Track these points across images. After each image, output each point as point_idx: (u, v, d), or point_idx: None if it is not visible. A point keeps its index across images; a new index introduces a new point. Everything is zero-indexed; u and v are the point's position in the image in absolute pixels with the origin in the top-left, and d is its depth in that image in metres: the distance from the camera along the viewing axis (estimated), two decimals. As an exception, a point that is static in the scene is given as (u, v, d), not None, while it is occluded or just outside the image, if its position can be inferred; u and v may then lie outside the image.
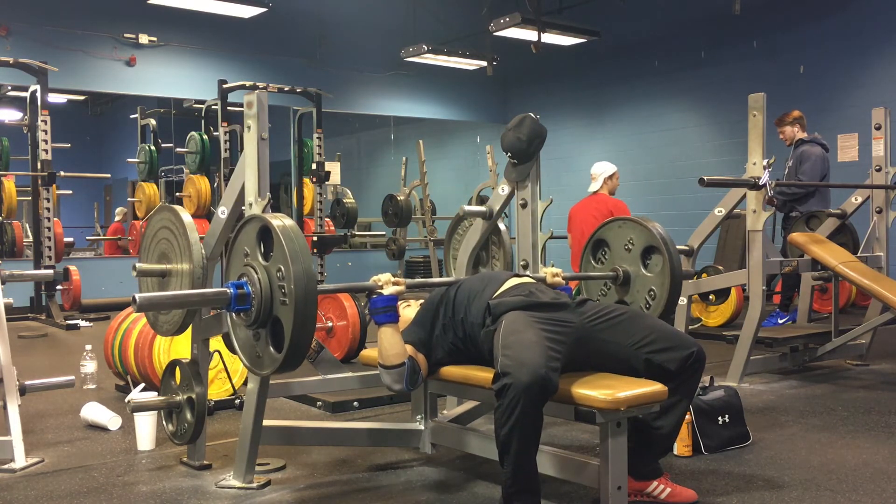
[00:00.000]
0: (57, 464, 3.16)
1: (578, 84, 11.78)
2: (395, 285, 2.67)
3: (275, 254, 2.41)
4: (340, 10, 11.07)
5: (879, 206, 5.19)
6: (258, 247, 2.48)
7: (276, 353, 2.42)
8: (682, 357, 2.52)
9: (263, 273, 2.42)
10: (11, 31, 9.03)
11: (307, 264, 2.33)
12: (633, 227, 3.30)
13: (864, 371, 4.91)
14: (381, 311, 2.64)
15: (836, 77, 8.91)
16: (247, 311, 2.46)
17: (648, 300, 3.20)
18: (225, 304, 2.47)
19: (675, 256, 3.16)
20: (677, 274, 3.14)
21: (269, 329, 2.44)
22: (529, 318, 2.51)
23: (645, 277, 3.23)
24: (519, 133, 3.31)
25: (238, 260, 2.55)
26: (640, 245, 3.25)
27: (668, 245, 3.16)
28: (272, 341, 2.44)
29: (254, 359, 2.53)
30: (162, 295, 2.66)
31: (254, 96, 2.80)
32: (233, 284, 2.45)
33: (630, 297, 3.27)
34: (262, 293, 2.40)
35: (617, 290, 3.32)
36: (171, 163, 11.72)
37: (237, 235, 2.58)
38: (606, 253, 3.40)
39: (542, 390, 2.25)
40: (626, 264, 3.29)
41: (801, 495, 2.71)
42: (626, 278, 3.27)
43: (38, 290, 8.23)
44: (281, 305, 2.37)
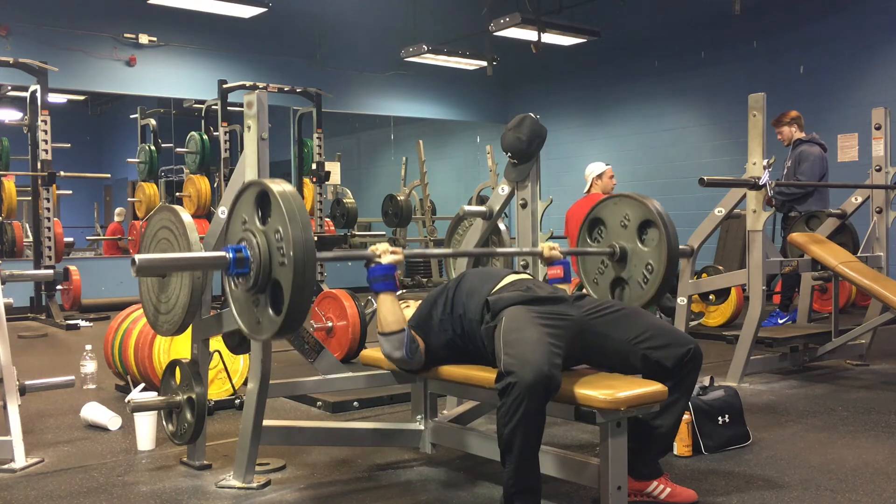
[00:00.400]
0: (57, 464, 3.16)
1: (578, 84, 11.78)
2: (392, 254, 2.68)
3: (273, 217, 2.40)
4: (340, 10, 11.08)
5: (879, 206, 5.19)
6: (256, 213, 2.48)
7: (276, 316, 2.40)
8: (679, 354, 2.52)
9: (262, 237, 2.42)
10: (11, 31, 9.03)
11: (305, 225, 2.32)
12: (628, 202, 3.26)
13: (864, 371, 4.91)
14: (379, 279, 2.65)
15: (836, 77, 8.91)
16: (245, 275, 2.46)
17: (646, 274, 3.17)
18: (224, 268, 2.46)
19: (672, 230, 3.12)
20: (674, 247, 3.11)
21: (269, 293, 2.43)
22: (529, 314, 2.51)
23: (642, 252, 3.20)
24: (519, 133, 3.31)
25: (237, 227, 2.55)
26: (636, 220, 3.22)
27: (664, 219, 3.13)
28: (271, 304, 2.43)
29: (253, 325, 2.52)
30: (162, 257, 2.66)
31: (254, 96, 2.80)
32: (231, 248, 2.45)
33: (627, 273, 3.24)
34: (260, 256, 2.40)
35: (614, 266, 3.29)
36: (171, 163, 11.72)
37: (235, 203, 2.58)
38: (603, 231, 3.36)
39: (546, 388, 2.25)
40: (622, 240, 3.26)
41: (801, 495, 2.71)
42: (623, 254, 3.24)
43: (38, 290, 8.23)
44: (280, 267, 2.36)
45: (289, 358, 4.63)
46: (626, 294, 3.25)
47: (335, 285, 7.34)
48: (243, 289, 2.49)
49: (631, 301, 3.22)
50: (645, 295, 3.17)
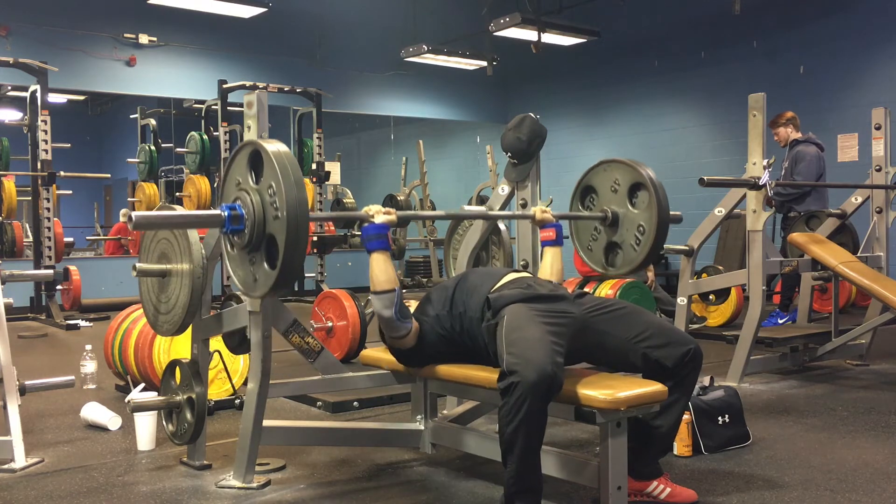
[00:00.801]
0: (57, 464, 3.16)
1: (578, 84, 11.78)
2: (386, 215, 2.72)
3: (266, 174, 2.46)
4: (340, 10, 11.07)
5: (879, 206, 5.19)
6: (250, 174, 2.54)
7: (271, 270, 2.46)
8: (679, 354, 2.53)
9: (256, 195, 2.48)
10: (11, 31, 9.03)
11: (298, 181, 2.39)
12: (617, 167, 3.27)
13: (864, 371, 4.91)
14: (372, 238, 2.68)
15: (836, 77, 8.91)
16: (240, 233, 2.51)
17: (638, 236, 3.19)
18: (219, 225, 2.52)
19: (662, 191, 3.14)
20: (664, 208, 3.13)
21: (264, 249, 2.49)
22: (530, 312, 2.51)
23: (633, 215, 3.21)
24: (519, 133, 3.31)
25: (231, 188, 2.61)
26: (625, 184, 3.23)
27: (653, 180, 3.14)
28: (266, 260, 2.49)
29: (249, 283, 2.57)
30: (158, 214, 2.69)
31: (254, 96, 2.80)
32: (227, 206, 2.51)
33: (619, 237, 3.26)
34: (254, 213, 2.46)
35: (607, 231, 3.30)
36: (171, 163, 11.72)
37: (230, 166, 2.63)
38: (594, 199, 3.37)
39: (549, 387, 2.25)
40: (613, 205, 3.28)
41: (801, 495, 2.71)
42: (615, 219, 3.26)
43: (38, 290, 8.23)
44: (273, 221, 2.42)
45: (289, 358, 4.62)
46: (620, 258, 3.29)
47: (335, 285, 7.35)
48: (239, 247, 2.55)
49: (625, 264, 3.27)
50: (638, 257, 3.21)
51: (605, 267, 3.34)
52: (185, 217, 2.71)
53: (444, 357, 2.80)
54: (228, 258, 2.65)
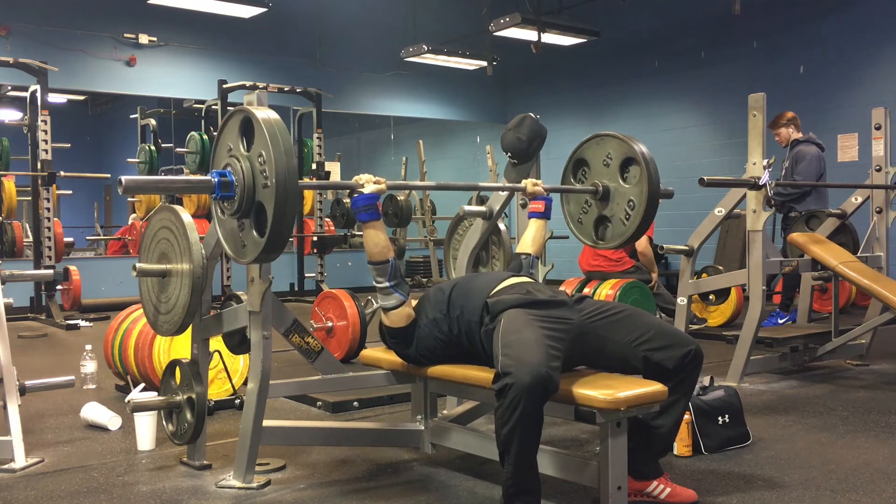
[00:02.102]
0: (57, 464, 3.16)
1: (578, 84, 11.78)
2: (376, 184, 2.74)
3: (256, 142, 2.48)
4: (340, 10, 11.07)
5: (879, 206, 5.19)
6: (241, 140, 2.55)
7: (259, 238, 2.48)
8: (680, 355, 2.52)
9: (246, 162, 2.50)
10: (11, 31, 9.03)
11: (288, 149, 2.40)
12: (610, 141, 3.27)
13: (864, 371, 4.91)
14: (363, 209, 2.71)
15: (836, 77, 8.91)
16: (230, 199, 2.54)
17: (628, 211, 3.19)
18: (209, 191, 2.54)
19: (653, 166, 3.15)
20: (655, 183, 3.13)
21: (253, 216, 2.51)
22: (528, 316, 2.51)
23: (624, 190, 3.21)
24: (519, 133, 3.31)
25: (222, 154, 2.63)
26: (617, 158, 3.23)
27: (644, 155, 3.15)
28: (255, 227, 2.51)
29: (238, 248, 2.60)
30: (147, 179, 2.72)
31: (254, 96, 2.80)
32: (216, 173, 2.53)
33: (610, 211, 3.27)
34: (244, 180, 2.48)
35: (597, 204, 3.31)
36: (171, 163, 11.71)
37: (221, 132, 2.65)
38: (587, 172, 3.37)
39: (544, 390, 2.25)
40: (605, 179, 3.28)
41: (801, 495, 2.71)
42: (606, 192, 3.26)
43: (38, 290, 8.23)
44: (263, 189, 2.44)
45: (289, 358, 4.63)
46: (609, 231, 3.30)
47: (335, 285, 7.35)
48: (229, 213, 2.58)
49: (614, 237, 3.28)
50: (627, 231, 3.22)
51: (594, 240, 3.36)
52: (174, 182, 2.75)
53: (443, 359, 2.80)
54: (218, 223, 2.68)
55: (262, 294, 2.76)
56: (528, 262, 3.11)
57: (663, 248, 4.92)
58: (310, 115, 9.50)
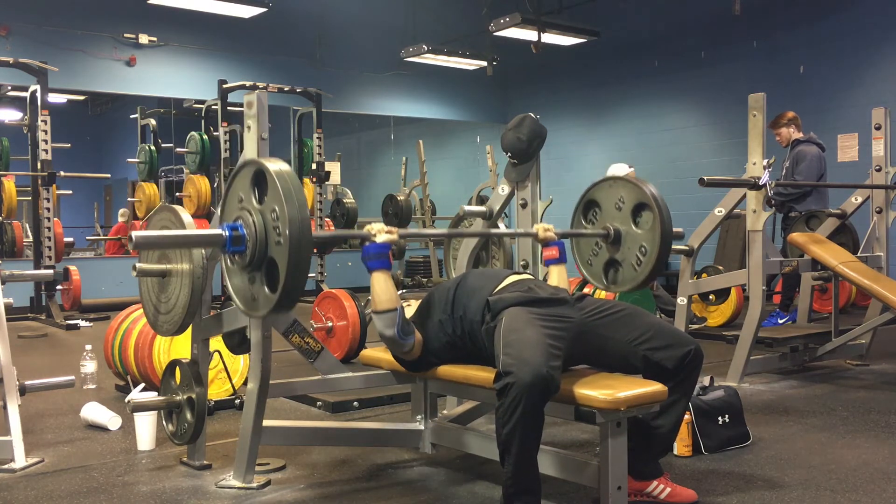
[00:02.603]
0: (57, 464, 3.16)
1: (578, 84, 11.78)
2: (387, 234, 2.69)
3: (269, 196, 2.41)
4: (340, 10, 11.07)
5: (879, 206, 5.19)
6: (252, 192, 2.49)
7: (271, 294, 2.42)
8: (680, 355, 2.52)
9: (258, 216, 2.44)
10: (11, 31, 9.03)
11: (301, 205, 2.34)
12: (623, 185, 3.27)
13: (864, 371, 4.91)
14: (373, 257, 2.66)
15: (836, 77, 8.91)
16: (241, 253, 2.48)
17: (640, 256, 3.18)
18: (220, 246, 2.48)
19: (666, 212, 3.13)
20: (668, 230, 3.12)
21: (264, 271, 2.45)
22: (529, 315, 2.51)
23: (636, 234, 3.20)
24: (519, 133, 3.31)
25: (233, 205, 2.57)
26: (630, 203, 3.22)
27: (658, 201, 3.14)
28: (267, 282, 2.45)
29: (249, 301, 2.53)
30: (159, 234, 2.67)
31: (254, 96, 2.80)
32: (228, 226, 2.47)
33: (621, 255, 3.25)
34: (256, 235, 2.42)
35: (608, 248, 3.29)
36: (171, 163, 11.72)
37: (232, 182, 2.59)
38: (597, 213, 3.36)
39: (545, 389, 2.25)
40: (617, 222, 3.27)
41: (801, 495, 2.71)
42: (618, 236, 3.25)
43: (38, 290, 8.23)
44: (275, 246, 2.38)
45: (289, 358, 4.63)
46: (620, 275, 3.28)
47: (335, 285, 7.34)
48: (239, 266, 2.52)
49: (624, 282, 3.25)
50: (638, 277, 3.20)
51: (605, 283, 3.34)
52: (185, 237, 2.67)
53: (451, 361, 2.80)
54: (228, 272, 2.61)
55: (262, 294, 2.75)
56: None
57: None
58: (310, 115, 9.50)
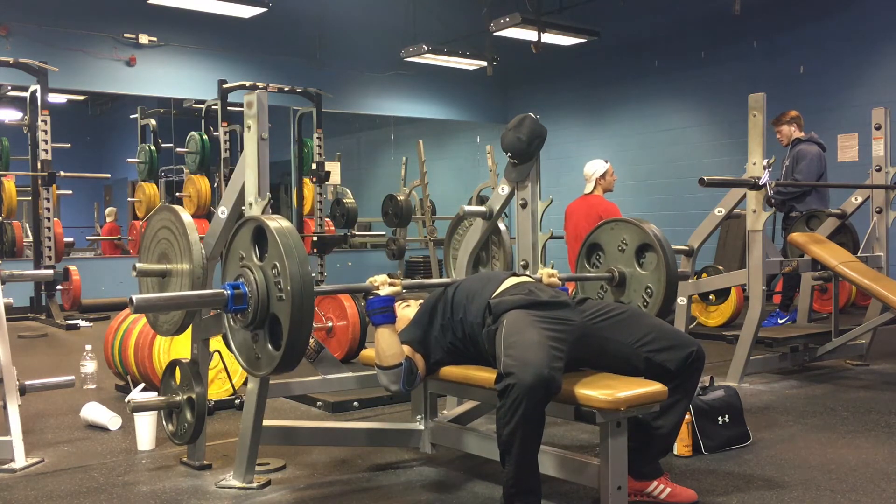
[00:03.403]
0: (57, 464, 3.16)
1: (578, 84, 11.78)
2: (391, 286, 2.67)
3: (270, 252, 2.42)
4: (340, 10, 11.07)
5: (879, 206, 5.19)
6: (253, 249, 2.50)
7: (275, 352, 2.42)
8: (682, 356, 2.52)
9: (259, 273, 2.44)
10: (11, 31, 9.03)
11: (303, 260, 2.34)
12: (625, 227, 3.30)
13: (864, 371, 4.91)
14: (377, 311, 2.63)
15: (836, 77, 8.91)
16: (244, 312, 2.47)
17: (646, 298, 3.20)
18: (222, 305, 2.48)
19: (669, 252, 3.16)
20: (672, 269, 3.14)
21: (267, 328, 2.45)
22: (531, 317, 2.51)
23: (641, 276, 3.23)
24: (519, 133, 3.31)
25: (234, 263, 2.57)
26: (633, 244, 3.25)
27: (661, 241, 3.16)
28: (270, 340, 2.45)
29: (252, 360, 2.54)
30: (159, 296, 2.68)
31: (254, 96, 2.80)
32: (229, 285, 2.47)
33: (627, 297, 3.27)
34: (258, 292, 2.42)
35: (613, 291, 3.32)
36: (171, 163, 11.71)
37: (232, 240, 2.60)
38: (601, 257, 3.40)
39: (546, 390, 2.25)
40: (621, 265, 3.30)
41: (801, 495, 2.71)
42: (622, 279, 3.27)
43: (38, 290, 8.23)
44: (278, 302, 2.38)
45: (289, 358, 4.62)
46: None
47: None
48: (242, 325, 2.51)
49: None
50: None
51: None
52: (187, 298, 2.66)
53: (450, 364, 2.80)
54: (230, 332, 2.60)
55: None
56: None
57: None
58: (310, 115, 9.48)
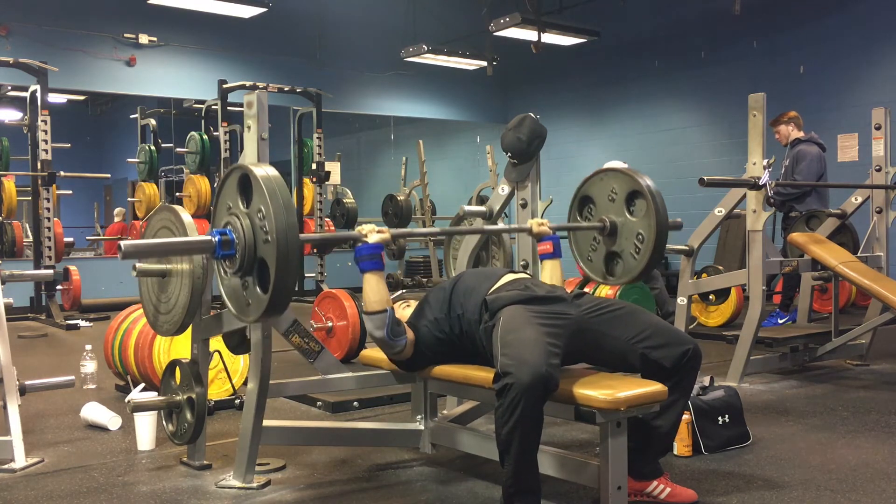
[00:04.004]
0: (57, 464, 3.16)
1: (578, 84, 11.78)
2: (379, 234, 2.70)
3: (255, 198, 2.47)
4: (340, 10, 11.08)
5: (879, 206, 5.19)
6: (240, 197, 2.54)
7: (263, 295, 2.46)
8: (678, 354, 2.52)
9: (246, 219, 2.49)
10: (11, 31, 9.03)
11: (287, 203, 2.39)
12: (614, 176, 3.28)
13: (864, 371, 4.91)
14: (365, 258, 2.67)
15: (836, 77, 8.91)
16: (231, 257, 2.52)
17: (637, 244, 3.18)
18: (210, 251, 2.52)
19: (659, 198, 3.14)
20: (663, 215, 3.13)
21: (256, 273, 2.50)
22: (527, 313, 2.51)
23: (632, 224, 3.21)
24: (519, 133, 3.31)
25: (222, 212, 2.62)
26: (623, 192, 3.23)
27: (650, 188, 3.15)
28: (259, 284, 2.49)
29: (242, 307, 2.58)
30: (147, 242, 2.71)
31: (254, 96, 2.80)
32: (217, 231, 2.52)
33: (619, 247, 3.26)
34: (244, 237, 2.47)
35: (606, 241, 3.30)
36: (171, 163, 11.72)
37: (220, 192, 2.64)
38: (592, 209, 3.37)
39: (544, 388, 2.25)
40: (612, 214, 3.28)
41: (801, 495, 2.71)
42: (614, 228, 3.26)
43: (38, 290, 8.23)
44: (264, 245, 2.43)
45: (289, 358, 4.63)
46: (620, 267, 3.29)
47: (335, 285, 7.34)
48: (231, 272, 2.56)
49: (626, 273, 3.26)
50: (638, 265, 3.21)
51: (605, 277, 3.34)
52: (174, 244, 2.71)
53: (446, 359, 2.80)
54: (221, 282, 2.64)
55: (262, 294, 2.75)
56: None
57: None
58: (310, 115, 9.50)
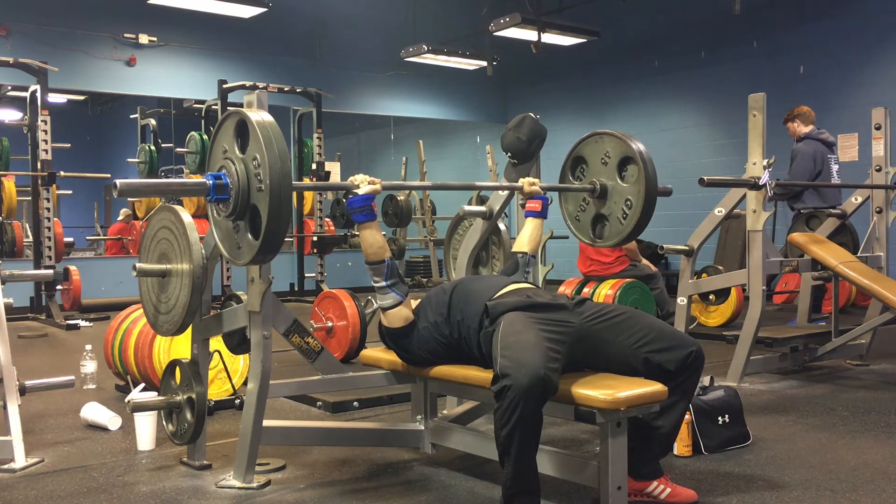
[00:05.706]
0: (57, 464, 3.16)
1: (578, 84, 11.78)
2: (370, 184, 2.74)
3: (251, 144, 2.49)
4: (340, 10, 11.07)
5: (879, 206, 5.19)
6: (236, 142, 2.57)
7: (254, 240, 2.51)
8: (682, 357, 2.52)
9: (241, 164, 2.52)
10: (11, 31, 9.03)
11: (282, 153, 2.42)
12: (609, 139, 3.28)
13: (864, 371, 4.91)
14: (358, 209, 2.72)
15: (836, 77, 8.91)
16: (225, 202, 2.55)
17: (625, 210, 3.20)
18: (205, 194, 2.55)
19: (651, 166, 3.15)
20: (652, 183, 3.14)
21: (248, 219, 2.53)
22: (528, 319, 2.50)
23: (622, 189, 3.22)
24: (519, 133, 3.31)
25: (218, 156, 2.64)
26: (616, 157, 3.24)
27: (643, 155, 3.16)
28: (250, 229, 2.53)
29: (233, 250, 2.63)
30: (142, 182, 2.75)
31: (254, 96, 2.80)
32: (212, 175, 2.55)
33: (607, 210, 3.27)
34: (239, 183, 2.50)
35: (595, 202, 3.32)
36: (171, 163, 11.70)
37: (217, 134, 2.67)
38: (584, 169, 3.37)
39: (543, 391, 2.25)
40: (603, 177, 3.28)
41: (801, 495, 2.71)
42: (604, 191, 3.27)
43: (38, 290, 8.23)
44: (257, 192, 2.46)
45: (289, 358, 4.63)
46: (607, 230, 3.31)
47: (335, 285, 7.35)
48: (224, 215, 2.60)
49: (611, 236, 3.29)
50: (624, 230, 3.24)
51: (592, 238, 3.36)
52: (169, 185, 2.77)
53: (443, 361, 2.80)
54: (214, 224, 2.71)
55: (262, 294, 2.76)
56: (525, 260, 3.12)
57: (663, 248, 4.92)
58: (310, 115, 9.50)
